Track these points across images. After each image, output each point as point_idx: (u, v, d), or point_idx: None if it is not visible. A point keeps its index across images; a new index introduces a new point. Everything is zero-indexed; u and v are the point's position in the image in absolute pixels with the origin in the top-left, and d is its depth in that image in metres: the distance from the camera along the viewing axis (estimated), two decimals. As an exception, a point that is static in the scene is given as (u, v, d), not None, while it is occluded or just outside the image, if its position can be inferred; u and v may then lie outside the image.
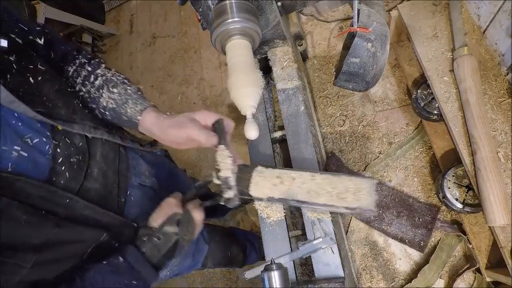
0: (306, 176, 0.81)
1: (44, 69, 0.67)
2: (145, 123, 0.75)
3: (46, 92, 0.65)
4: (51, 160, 0.61)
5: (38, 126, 0.61)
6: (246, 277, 0.93)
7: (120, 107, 0.76)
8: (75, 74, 0.78)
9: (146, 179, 0.88)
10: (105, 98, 0.76)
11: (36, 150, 0.60)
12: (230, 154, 0.75)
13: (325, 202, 0.78)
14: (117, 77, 0.79)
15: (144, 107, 0.76)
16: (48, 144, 0.62)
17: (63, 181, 0.63)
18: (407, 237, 1.35)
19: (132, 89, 0.78)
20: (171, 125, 0.72)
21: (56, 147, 0.63)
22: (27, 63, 0.64)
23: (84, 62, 0.79)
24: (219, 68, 2.24)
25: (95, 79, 0.77)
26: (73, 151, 0.66)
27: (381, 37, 0.88)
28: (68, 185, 0.63)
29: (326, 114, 1.70)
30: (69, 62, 0.79)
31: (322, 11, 1.86)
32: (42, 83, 0.65)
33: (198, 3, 0.95)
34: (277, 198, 0.80)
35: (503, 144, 1.04)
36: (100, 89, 0.76)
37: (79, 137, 0.69)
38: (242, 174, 0.81)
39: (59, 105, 0.66)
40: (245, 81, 0.77)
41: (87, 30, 2.60)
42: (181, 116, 0.74)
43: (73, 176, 0.65)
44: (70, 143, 0.66)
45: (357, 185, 0.78)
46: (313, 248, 0.88)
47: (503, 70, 1.11)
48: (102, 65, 0.81)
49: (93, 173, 0.70)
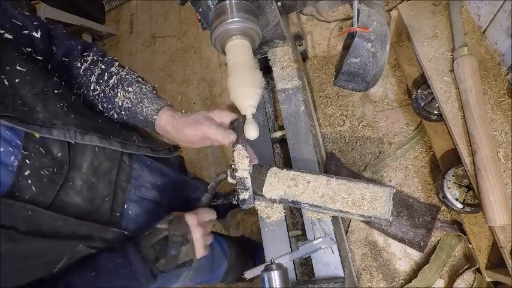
0: (321, 180, 0.81)
1: (24, 70, 0.61)
2: (161, 122, 0.74)
3: (23, 95, 0.59)
4: (15, 173, 0.56)
5: (6, 134, 0.56)
6: (246, 277, 0.93)
7: (135, 106, 0.74)
8: (88, 72, 0.76)
9: (147, 191, 0.82)
10: (121, 97, 0.74)
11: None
12: (247, 154, 0.75)
13: (339, 208, 0.78)
14: (131, 76, 0.77)
15: (161, 106, 0.75)
16: (14, 155, 0.56)
17: (28, 196, 0.57)
18: (407, 237, 1.35)
19: (148, 88, 0.76)
20: (187, 123, 0.72)
21: (25, 158, 0.57)
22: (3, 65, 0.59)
23: (97, 60, 0.77)
24: (219, 68, 2.24)
25: (109, 78, 0.75)
26: (46, 162, 0.60)
27: (380, 37, 0.87)
28: (34, 200, 0.57)
29: (326, 114, 1.70)
30: (75, 57, 0.76)
31: (322, 11, 1.86)
32: (20, 85, 0.59)
33: (198, 3, 0.95)
34: (290, 201, 0.80)
35: (503, 144, 1.04)
36: (115, 88, 0.75)
37: (59, 145, 0.62)
38: (256, 175, 0.82)
39: (36, 109, 0.60)
40: (245, 81, 0.77)
41: (87, 30, 2.60)
42: (196, 115, 0.74)
43: (41, 190, 0.59)
44: (45, 153, 0.60)
45: (374, 193, 0.78)
46: (313, 248, 0.88)
47: (503, 70, 1.11)
48: (116, 63, 0.78)
49: (75, 186, 0.64)
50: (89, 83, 0.75)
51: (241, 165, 0.75)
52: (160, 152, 0.86)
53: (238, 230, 1.84)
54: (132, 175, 0.78)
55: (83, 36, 2.61)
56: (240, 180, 0.75)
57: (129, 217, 0.75)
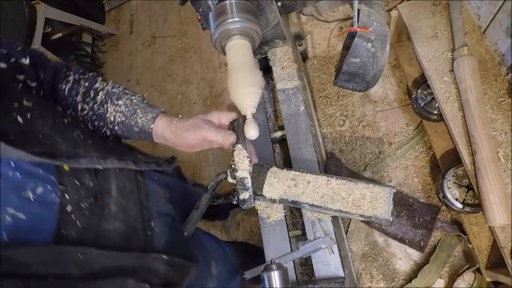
0: (321, 180, 0.81)
1: (31, 104, 0.58)
2: (158, 130, 0.73)
3: (40, 129, 0.57)
4: (59, 211, 0.53)
5: (40, 173, 0.53)
6: (246, 277, 0.93)
7: (129, 119, 0.72)
8: (73, 93, 0.72)
9: (163, 206, 0.83)
10: (112, 112, 0.72)
11: (40, 204, 0.51)
12: (247, 154, 0.75)
13: (339, 208, 0.78)
14: (117, 89, 0.75)
15: (156, 114, 0.73)
16: (54, 192, 0.54)
17: (74, 233, 0.55)
18: (407, 237, 1.35)
19: (138, 98, 0.75)
20: (186, 128, 0.71)
21: (64, 193, 0.55)
22: (11, 102, 0.55)
23: (79, 78, 0.74)
24: (219, 68, 2.24)
25: (96, 94, 0.73)
26: (83, 194, 0.58)
27: (381, 37, 0.87)
28: (82, 237, 0.55)
29: (326, 114, 1.70)
30: (61, 79, 0.73)
31: (322, 11, 1.86)
32: (33, 120, 0.57)
33: (198, 3, 0.95)
34: (290, 201, 0.80)
35: (503, 144, 1.04)
36: (104, 104, 0.72)
37: (88, 175, 0.61)
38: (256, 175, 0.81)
39: (58, 141, 0.58)
40: (245, 81, 0.77)
41: (87, 30, 2.60)
42: (194, 119, 0.73)
43: (86, 225, 0.57)
44: (80, 185, 0.58)
45: (374, 193, 0.78)
46: (313, 248, 0.88)
47: (503, 70, 1.11)
48: (99, 79, 0.76)
49: (111, 211, 0.63)
50: (75, 104, 0.72)
51: (241, 165, 0.74)
52: (163, 165, 0.85)
53: (238, 230, 1.84)
54: (149, 192, 0.78)
55: (83, 36, 2.61)
56: (240, 180, 0.75)
57: (157, 234, 0.75)
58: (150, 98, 2.59)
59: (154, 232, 0.74)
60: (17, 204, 0.48)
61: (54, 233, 0.52)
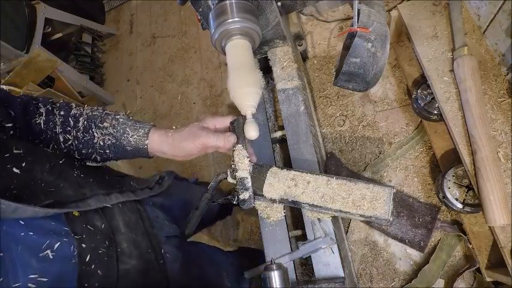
0: (321, 180, 0.81)
1: (21, 151, 0.54)
2: (154, 144, 0.70)
3: (40, 177, 0.53)
4: (78, 263, 0.50)
5: (52, 226, 0.50)
6: (246, 277, 0.93)
7: (120, 140, 0.69)
8: (50, 125, 0.67)
9: (169, 228, 0.82)
10: (99, 137, 0.68)
11: (60, 261, 0.48)
12: (247, 154, 0.75)
13: (339, 208, 0.78)
14: (97, 111, 0.71)
15: (148, 129, 0.70)
16: (71, 244, 0.50)
17: (97, 283, 0.52)
18: (407, 237, 1.35)
19: (123, 117, 0.71)
20: (183, 137, 0.70)
21: (80, 242, 0.52)
22: (1, 153, 0.51)
23: (52, 108, 0.69)
24: (219, 68, 2.24)
25: (76, 121, 0.68)
26: (99, 239, 0.55)
27: (381, 37, 0.87)
28: (103, 283, 0.53)
29: (326, 114, 1.70)
30: (33, 113, 0.67)
31: (322, 11, 1.86)
32: (30, 168, 0.53)
33: (198, 3, 0.95)
34: (290, 201, 0.80)
35: (503, 144, 1.04)
36: (89, 130, 0.68)
37: (98, 216, 0.59)
38: (256, 175, 0.81)
39: (61, 186, 0.55)
40: (245, 81, 0.77)
41: (87, 30, 2.60)
42: (190, 127, 0.71)
43: (106, 272, 0.54)
44: (93, 229, 0.56)
45: (374, 193, 0.78)
46: (313, 248, 0.88)
47: (503, 70, 1.11)
48: (72, 104, 0.71)
49: (124, 250, 0.61)
50: (56, 136, 0.67)
51: (241, 165, 0.75)
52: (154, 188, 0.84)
53: (238, 230, 1.84)
54: (151, 218, 0.77)
55: (83, 36, 2.61)
56: (240, 180, 0.75)
57: (169, 259, 0.74)
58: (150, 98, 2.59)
59: (166, 258, 0.72)
60: (38, 267, 0.45)
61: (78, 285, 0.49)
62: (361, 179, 0.82)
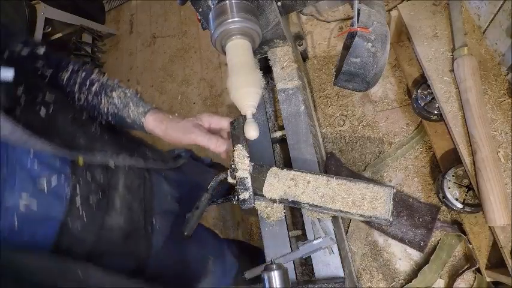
0: (321, 180, 0.81)
1: (53, 98, 0.61)
2: (148, 125, 0.74)
3: (61, 123, 0.60)
4: (68, 203, 0.55)
5: (56, 164, 0.55)
6: (246, 277, 0.93)
7: (121, 111, 0.74)
8: (71, 82, 0.74)
9: (169, 204, 0.84)
10: (105, 104, 0.74)
11: (52, 194, 0.54)
12: (248, 154, 0.75)
13: (339, 208, 0.78)
14: (112, 81, 0.78)
15: (147, 109, 0.75)
16: (67, 185, 0.56)
17: (79, 226, 0.57)
18: (407, 237, 1.35)
19: (132, 92, 0.77)
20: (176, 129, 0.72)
21: (75, 186, 0.57)
22: (35, 95, 0.58)
23: (78, 69, 0.76)
24: (219, 68, 2.24)
25: (91, 85, 0.74)
26: (94, 189, 0.60)
27: (381, 37, 0.87)
28: (85, 231, 0.57)
29: (326, 114, 1.70)
30: (62, 69, 0.75)
31: (322, 11, 1.86)
32: (55, 114, 0.59)
33: (198, 3, 0.95)
34: (290, 201, 0.80)
35: (503, 144, 1.04)
36: (99, 95, 0.74)
37: (100, 170, 0.63)
38: (256, 175, 0.81)
39: (76, 135, 0.61)
40: (245, 81, 0.77)
41: (87, 30, 2.60)
42: (185, 122, 0.73)
43: (91, 219, 0.59)
44: (91, 180, 0.60)
45: (374, 193, 0.78)
46: (313, 248, 0.88)
47: (503, 70, 1.11)
48: (95, 70, 0.78)
49: (115, 207, 0.65)
50: (73, 93, 0.74)
51: (241, 165, 0.74)
52: (169, 163, 0.87)
53: (238, 230, 1.84)
54: (154, 189, 0.79)
55: (83, 36, 2.61)
56: (240, 180, 0.75)
57: (157, 231, 0.76)
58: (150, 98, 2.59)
59: (154, 229, 0.75)
60: (31, 192, 0.50)
61: (62, 224, 0.54)
62: (361, 179, 0.82)
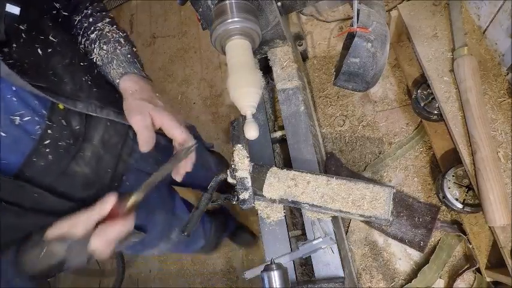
0: (321, 180, 0.81)
1: (56, 40, 0.63)
2: (121, 88, 0.71)
3: (54, 66, 0.62)
4: (37, 141, 0.59)
5: (35, 103, 0.58)
6: (246, 277, 0.93)
7: (105, 66, 0.73)
8: (79, 25, 0.76)
9: (147, 165, 0.84)
10: (96, 54, 0.73)
11: (22, 129, 0.57)
12: (248, 154, 0.75)
13: (339, 208, 0.78)
14: (113, 34, 0.75)
15: (126, 72, 0.72)
16: (39, 124, 0.59)
17: (43, 163, 0.60)
18: (407, 237, 1.35)
19: (123, 51, 0.74)
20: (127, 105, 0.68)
21: (48, 128, 0.60)
22: (38, 33, 0.61)
23: (90, 14, 0.76)
24: (219, 68, 2.24)
25: (92, 32, 0.74)
26: (66, 134, 0.63)
27: (380, 37, 0.87)
28: (47, 169, 0.61)
29: (326, 114, 1.70)
30: (78, 11, 0.76)
31: (322, 11, 1.86)
32: (51, 56, 0.62)
33: (198, 3, 0.95)
34: (290, 201, 0.80)
35: (503, 144, 1.04)
36: (93, 43, 0.74)
37: (79, 118, 0.65)
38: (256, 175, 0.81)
39: (65, 81, 0.63)
40: (245, 81, 0.77)
41: (87, 30, 2.60)
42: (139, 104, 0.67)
43: (56, 160, 0.62)
44: (66, 125, 0.63)
45: (374, 193, 0.78)
46: (313, 248, 0.88)
47: (503, 70, 1.11)
48: (106, 19, 0.77)
49: (85, 156, 0.67)
50: (78, 36, 0.76)
51: (241, 165, 0.75)
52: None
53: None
54: (135, 149, 0.80)
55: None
56: (240, 180, 0.75)
57: (126, 187, 0.77)
58: (150, 98, 2.52)
59: (123, 185, 0.77)
60: (3, 123, 0.55)
61: (26, 158, 0.58)
62: (361, 179, 0.82)
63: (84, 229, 0.57)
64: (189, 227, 0.83)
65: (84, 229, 0.57)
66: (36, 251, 0.57)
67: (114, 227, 0.58)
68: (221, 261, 1.83)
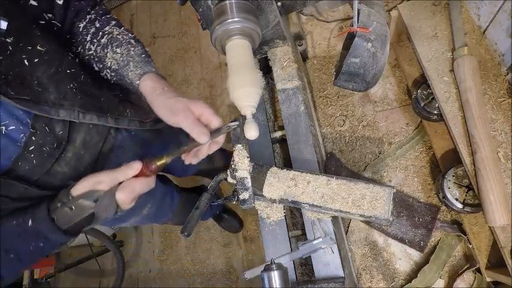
0: (321, 180, 0.81)
1: (43, 50, 0.64)
2: (141, 89, 0.72)
3: (39, 75, 0.63)
4: (22, 148, 0.62)
5: (19, 113, 0.61)
6: (246, 277, 0.93)
7: (122, 69, 0.73)
8: (84, 31, 0.75)
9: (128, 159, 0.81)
10: (109, 58, 0.73)
11: (8, 138, 0.60)
12: (248, 154, 0.74)
13: (339, 208, 0.78)
14: (123, 36, 0.76)
15: (144, 72, 0.72)
16: (23, 133, 0.62)
17: (28, 167, 0.64)
18: (407, 237, 1.35)
19: (137, 51, 0.74)
20: (162, 106, 0.69)
21: (32, 135, 0.63)
22: (26, 45, 0.62)
23: (95, 18, 0.76)
24: (219, 68, 2.24)
25: (101, 37, 0.75)
26: (49, 140, 0.66)
27: (380, 37, 0.87)
28: (32, 171, 0.65)
29: (326, 114, 1.70)
30: (81, 18, 0.76)
31: (322, 11, 1.86)
32: (37, 66, 0.63)
33: (198, 3, 0.95)
34: (290, 201, 0.80)
35: (503, 144, 1.04)
36: (105, 48, 0.74)
37: (62, 124, 0.67)
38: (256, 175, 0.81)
39: (49, 90, 0.64)
40: (245, 81, 0.77)
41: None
42: (176, 100, 0.68)
43: (40, 163, 0.65)
44: (49, 131, 0.65)
45: (374, 193, 0.78)
46: (313, 248, 0.88)
47: (503, 70, 1.11)
48: (112, 22, 0.78)
49: (66, 157, 0.70)
50: (85, 42, 0.75)
51: (241, 165, 0.74)
52: (147, 124, 0.86)
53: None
54: (116, 145, 0.82)
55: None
56: (240, 180, 0.75)
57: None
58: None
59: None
60: None
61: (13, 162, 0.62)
62: (361, 179, 0.82)
63: (108, 186, 0.63)
64: (189, 227, 0.83)
65: (108, 186, 0.63)
66: (66, 207, 0.62)
67: (139, 183, 0.64)
68: (221, 261, 1.84)
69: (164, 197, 1.19)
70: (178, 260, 1.94)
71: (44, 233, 0.63)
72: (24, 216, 0.63)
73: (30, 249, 0.63)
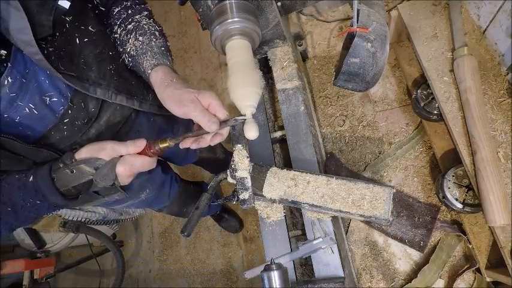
0: (321, 180, 0.81)
1: (93, 31, 0.70)
2: (152, 79, 0.74)
3: (86, 54, 0.68)
4: (59, 119, 0.68)
5: (62, 87, 0.66)
6: (246, 277, 0.93)
7: (139, 57, 0.76)
8: (117, 15, 0.79)
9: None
10: (130, 44, 0.76)
11: (49, 108, 0.66)
12: (248, 154, 0.75)
13: (339, 208, 0.78)
14: (149, 27, 0.79)
15: (158, 63, 0.74)
16: (62, 105, 0.67)
17: (58, 137, 0.70)
18: (407, 237, 1.35)
19: (158, 43, 0.77)
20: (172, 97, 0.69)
21: (69, 108, 0.68)
22: (80, 24, 0.67)
23: (130, 6, 0.80)
24: (219, 68, 2.24)
25: (129, 23, 0.78)
26: (82, 115, 0.71)
27: (380, 37, 0.87)
28: (61, 141, 0.70)
29: (326, 114, 1.70)
30: (118, 4, 0.80)
31: (322, 11, 1.86)
32: (86, 45, 0.68)
33: (198, 3, 0.95)
34: (290, 201, 0.80)
35: (503, 144, 1.04)
36: (129, 34, 0.77)
37: (95, 102, 0.72)
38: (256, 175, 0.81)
39: (92, 69, 0.69)
40: (245, 81, 0.77)
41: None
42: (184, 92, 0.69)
43: (70, 135, 0.71)
44: (84, 107, 0.71)
45: (374, 193, 0.78)
46: (313, 248, 0.88)
47: (503, 70, 1.11)
48: (144, 12, 0.81)
49: (89, 132, 0.75)
50: (114, 26, 0.79)
51: (241, 165, 0.74)
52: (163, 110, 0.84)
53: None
54: (133, 129, 0.86)
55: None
56: (240, 180, 0.75)
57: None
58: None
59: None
60: (37, 102, 0.63)
61: (47, 130, 0.68)
62: (361, 179, 0.82)
63: (109, 155, 0.66)
64: (189, 227, 0.83)
65: (109, 155, 0.66)
66: (67, 169, 0.65)
67: (140, 159, 0.67)
68: (221, 261, 1.84)
69: (163, 183, 1.22)
70: (178, 260, 1.94)
71: (42, 190, 0.65)
72: (27, 172, 0.66)
73: (27, 205, 0.66)
